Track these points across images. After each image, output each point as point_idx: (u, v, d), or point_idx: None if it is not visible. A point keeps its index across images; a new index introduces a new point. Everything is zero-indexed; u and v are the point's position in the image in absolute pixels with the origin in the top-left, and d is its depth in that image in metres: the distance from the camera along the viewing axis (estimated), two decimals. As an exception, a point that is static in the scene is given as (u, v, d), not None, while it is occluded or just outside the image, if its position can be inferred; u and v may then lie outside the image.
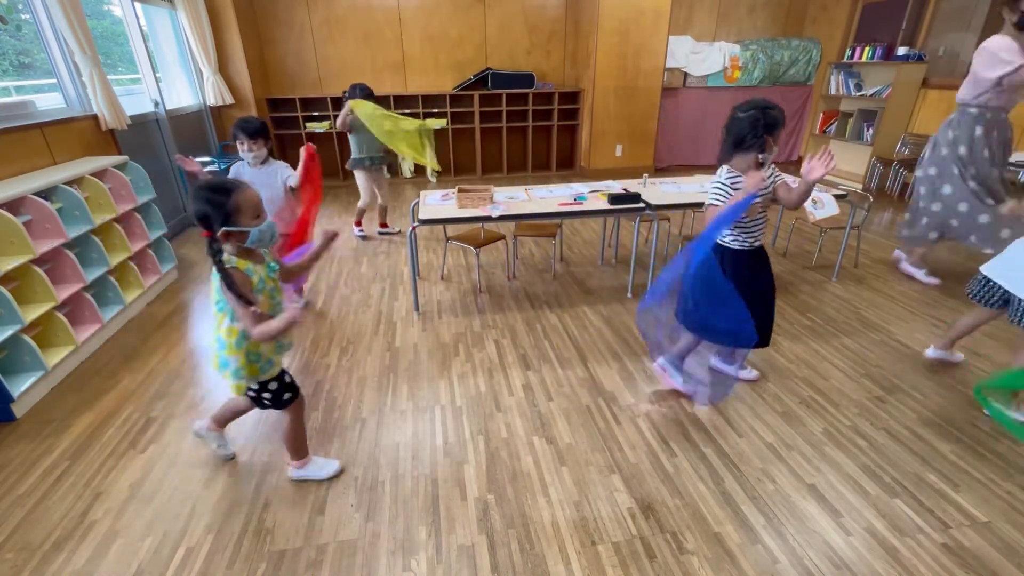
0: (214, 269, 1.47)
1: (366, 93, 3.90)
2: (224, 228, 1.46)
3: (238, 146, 2.68)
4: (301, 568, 1.58)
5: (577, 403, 2.31)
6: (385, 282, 3.62)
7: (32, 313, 2.38)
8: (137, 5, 4.39)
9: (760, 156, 1.93)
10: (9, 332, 2.24)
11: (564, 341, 2.83)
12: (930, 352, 2.55)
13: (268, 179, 2.72)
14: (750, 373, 2.46)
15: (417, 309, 3.19)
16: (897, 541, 1.63)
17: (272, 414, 2.26)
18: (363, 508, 1.79)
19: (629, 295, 3.35)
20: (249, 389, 1.69)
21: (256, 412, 2.27)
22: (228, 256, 1.50)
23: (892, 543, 1.63)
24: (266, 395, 1.70)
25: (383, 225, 4.67)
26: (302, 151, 2.73)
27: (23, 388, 2.28)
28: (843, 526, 1.69)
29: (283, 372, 1.73)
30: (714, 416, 2.22)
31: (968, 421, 2.16)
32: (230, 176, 2.56)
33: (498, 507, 1.78)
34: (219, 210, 1.44)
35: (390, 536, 1.68)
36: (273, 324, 1.47)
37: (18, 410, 2.27)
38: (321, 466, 1.92)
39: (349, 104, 3.77)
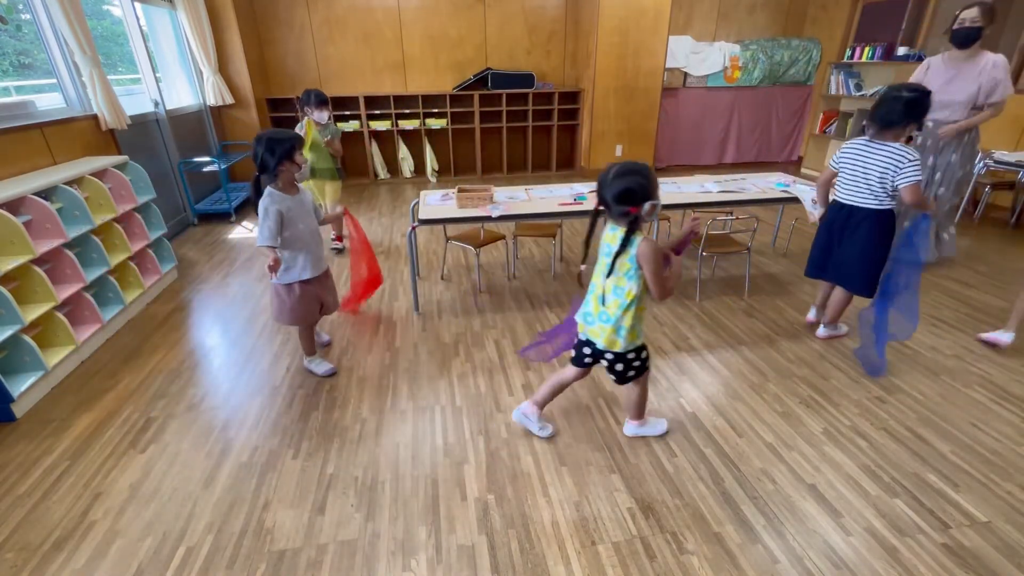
0: (633, 240, 1.65)
1: (321, 100, 3.57)
2: (649, 202, 1.62)
3: (296, 159, 2.16)
4: (301, 568, 1.58)
5: (577, 403, 2.31)
6: (385, 282, 3.62)
7: (32, 313, 2.38)
8: (137, 5, 4.40)
9: (913, 134, 2.24)
10: (9, 332, 2.24)
11: (564, 341, 2.83)
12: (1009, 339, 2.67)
13: (307, 208, 2.31)
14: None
15: (417, 309, 3.19)
16: (897, 541, 1.63)
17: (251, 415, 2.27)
18: (363, 508, 1.79)
19: (629, 295, 3.35)
20: (625, 359, 1.84)
21: (256, 409, 2.28)
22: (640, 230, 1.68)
23: (892, 543, 1.63)
24: (636, 362, 1.86)
25: (338, 239, 4.21)
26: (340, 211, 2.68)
27: (23, 388, 2.28)
28: (843, 526, 1.69)
29: (644, 344, 1.89)
30: (714, 416, 2.22)
31: (968, 421, 2.16)
32: (272, 207, 2.13)
33: (498, 507, 1.78)
34: (646, 188, 1.61)
35: (390, 536, 1.68)
36: (673, 268, 1.74)
37: (18, 410, 2.27)
38: (654, 425, 2.09)
39: (304, 124, 3.58)
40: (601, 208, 1.71)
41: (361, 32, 6.15)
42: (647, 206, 1.61)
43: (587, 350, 1.90)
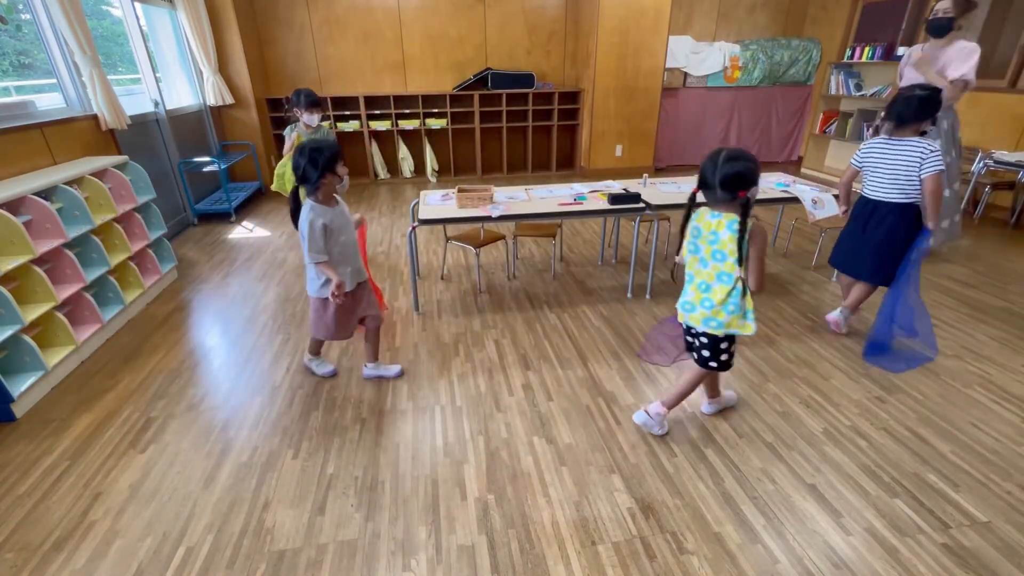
0: (747, 226, 1.69)
1: (311, 101, 3.40)
2: (755, 187, 1.69)
3: (338, 171, 2.06)
4: (301, 568, 1.58)
5: (577, 403, 2.31)
6: (385, 282, 3.62)
7: (32, 313, 2.38)
8: (137, 5, 4.40)
9: (927, 130, 2.39)
10: (9, 332, 2.24)
11: (564, 341, 2.83)
12: None
13: (347, 219, 2.21)
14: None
15: (417, 309, 3.19)
16: (897, 541, 1.63)
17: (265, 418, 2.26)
18: (363, 508, 1.79)
19: (629, 295, 3.35)
20: (717, 347, 1.91)
21: (256, 409, 2.28)
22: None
23: (892, 543, 1.63)
24: (723, 355, 1.92)
25: None
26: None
27: (23, 388, 2.28)
28: (843, 526, 1.69)
29: (735, 338, 1.94)
30: (714, 416, 2.22)
31: (968, 421, 2.16)
32: (317, 221, 2.04)
33: (498, 507, 1.78)
34: (756, 172, 1.67)
35: (390, 536, 1.68)
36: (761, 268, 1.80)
37: (18, 410, 2.27)
38: (663, 423, 2.12)
39: (295, 136, 3.48)
40: (696, 193, 1.77)
41: (361, 32, 6.15)
42: (754, 191, 1.67)
43: (689, 338, 2.01)
